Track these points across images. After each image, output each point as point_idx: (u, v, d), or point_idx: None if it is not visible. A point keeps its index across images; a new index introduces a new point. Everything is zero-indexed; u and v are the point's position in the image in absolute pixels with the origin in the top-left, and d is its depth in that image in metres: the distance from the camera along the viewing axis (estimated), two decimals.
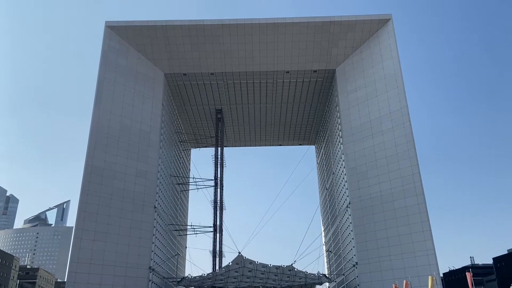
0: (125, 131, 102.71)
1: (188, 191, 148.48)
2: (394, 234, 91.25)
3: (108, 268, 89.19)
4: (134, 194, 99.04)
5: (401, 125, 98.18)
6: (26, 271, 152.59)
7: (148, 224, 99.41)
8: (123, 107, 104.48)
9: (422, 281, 73.78)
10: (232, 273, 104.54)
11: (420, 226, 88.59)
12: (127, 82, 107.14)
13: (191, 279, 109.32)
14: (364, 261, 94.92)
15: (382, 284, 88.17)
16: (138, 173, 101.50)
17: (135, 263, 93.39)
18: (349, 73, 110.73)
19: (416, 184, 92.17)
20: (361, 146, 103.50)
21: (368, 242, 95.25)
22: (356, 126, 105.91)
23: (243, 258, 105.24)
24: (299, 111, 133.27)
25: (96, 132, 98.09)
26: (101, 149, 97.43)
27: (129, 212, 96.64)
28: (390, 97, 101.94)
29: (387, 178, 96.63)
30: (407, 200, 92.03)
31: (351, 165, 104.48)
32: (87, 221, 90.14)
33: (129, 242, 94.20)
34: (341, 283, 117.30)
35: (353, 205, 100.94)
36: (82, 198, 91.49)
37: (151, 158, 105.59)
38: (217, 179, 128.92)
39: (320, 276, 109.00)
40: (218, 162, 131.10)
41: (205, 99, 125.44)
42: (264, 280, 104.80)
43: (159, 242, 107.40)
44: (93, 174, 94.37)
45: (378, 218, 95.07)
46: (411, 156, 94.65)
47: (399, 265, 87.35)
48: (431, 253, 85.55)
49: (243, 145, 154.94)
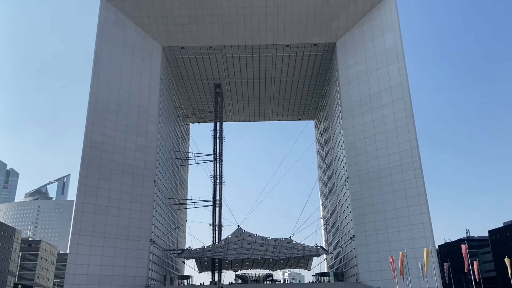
0: (123, 105, 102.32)
1: (187, 165, 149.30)
2: (391, 208, 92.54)
3: (109, 241, 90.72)
4: (134, 169, 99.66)
5: (401, 99, 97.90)
6: (28, 244, 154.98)
7: (148, 198, 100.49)
8: (121, 81, 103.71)
9: (418, 253, 75.31)
10: (232, 246, 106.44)
11: (417, 200, 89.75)
12: (125, 56, 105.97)
13: (191, 251, 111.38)
14: (361, 234, 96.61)
15: (378, 256, 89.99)
16: (137, 147, 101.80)
17: (136, 236, 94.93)
18: (349, 46, 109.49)
19: (414, 158, 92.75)
20: (360, 121, 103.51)
21: (365, 216, 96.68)
22: (356, 100, 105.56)
23: (242, 231, 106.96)
24: (299, 85, 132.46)
25: (94, 106, 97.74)
26: (100, 124, 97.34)
27: (129, 186, 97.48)
28: (390, 71, 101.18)
29: (385, 152, 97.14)
30: (404, 175, 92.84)
31: (349, 140, 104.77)
32: (88, 195, 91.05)
33: (129, 215, 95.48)
34: (338, 255, 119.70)
35: (351, 180, 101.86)
36: (82, 172, 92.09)
37: (150, 132, 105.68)
38: (217, 154, 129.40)
39: (318, 248, 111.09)
40: (217, 137, 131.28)
41: (204, 74, 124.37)
42: (263, 252, 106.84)
43: (160, 215, 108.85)
44: (93, 148, 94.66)
45: (376, 192, 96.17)
46: (410, 131, 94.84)
47: (395, 237, 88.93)
48: (427, 226, 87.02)
49: (242, 120, 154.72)
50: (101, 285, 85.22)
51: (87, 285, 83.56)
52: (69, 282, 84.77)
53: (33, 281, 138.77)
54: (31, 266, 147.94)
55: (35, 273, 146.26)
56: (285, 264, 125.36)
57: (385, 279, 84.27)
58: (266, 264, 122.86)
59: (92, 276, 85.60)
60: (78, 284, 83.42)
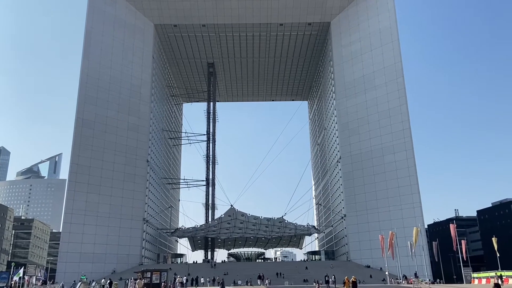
0: (115, 84, 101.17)
1: (180, 145, 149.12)
2: (382, 188, 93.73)
3: (102, 220, 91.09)
4: (127, 148, 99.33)
5: (394, 80, 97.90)
6: (21, 222, 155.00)
7: (141, 177, 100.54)
8: (112, 60, 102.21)
9: (407, 232, 76.60)
10: (225, 225, 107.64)
11: (407, 180, 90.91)
12: (116, 33, 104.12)
13: (184, 230, 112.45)
14: (352, 214, 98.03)
15: (369, 235, 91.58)
16: (130, 127, 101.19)
17: (129, 215, 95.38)
18: (344, 26, 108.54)
19: (406, 139, 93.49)
20: (354, 101, 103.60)
21: (356, 196, 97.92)
22: (349, 81, 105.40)
23: (235, 211, 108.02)
24: (293, 66, 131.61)
25: (85, 85, 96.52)
26: (91, 102, 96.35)
27: (121, 165, 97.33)
28: (384, 51, 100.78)
29: (377, 133, 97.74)
30: (396, 155, 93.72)
31: (342, 120, 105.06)
32: (80, 174, 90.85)
33: (122, 195, 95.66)
34: (329, 234, 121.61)
35: (344, 160, 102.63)
36: (74, 151, 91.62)
37: (143, 112, 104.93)
38: (210, 133, 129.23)
39: (310, 227, 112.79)
40: (210, 117, 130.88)
41: (196, 53, 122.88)
42: (255, 231, 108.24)
43: (153, 195, 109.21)
44: (84, 127, 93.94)
45: (367, 172, 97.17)
46: (402, 112, 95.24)
47: (385, 217, 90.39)
48: (417, 206, 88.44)
49: (235, 100, 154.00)
50: (94, 263, 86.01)
51: (81, 263, 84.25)
52: (63, 260, 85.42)
53: (27, 259, 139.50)
54: (24, 244, 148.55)
55: (28, 251, 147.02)
56: (277, 243, 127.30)
57: (375, 258, 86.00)
58: (258, 243, 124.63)
59: (85, 254, 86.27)
60: (72, 262, 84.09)
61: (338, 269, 79.25)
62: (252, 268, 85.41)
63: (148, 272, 64.19)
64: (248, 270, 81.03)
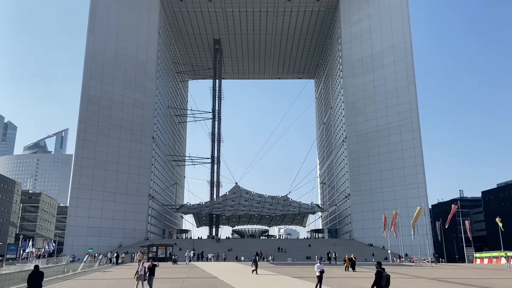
0: (120, 60, 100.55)
1: (186, 123, 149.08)
2: (387, 168, 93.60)
3: (109, 195, 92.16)
4: (132, 124, 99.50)
5: (403, 59, 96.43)
6: (28, 196, 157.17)
7: (146, 154, 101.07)
8: (118, 35, 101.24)
9: (411, 212, 76.69)
10: (229, 202, 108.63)
11: (413, 161, 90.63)
12: (121, 9, 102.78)
13: (189, 207, 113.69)
14: (356, 193, 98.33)
15: (372, 214, 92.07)
16: (135, 103, 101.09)
17: (135, 191, 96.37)
18: (353, 2, 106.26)
19: (413, 119, 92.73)
20: (361, 80, 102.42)
21: (361, 175, 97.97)
22: (357, 59, 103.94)
23: (239, 188, 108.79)
24: (300, 43, 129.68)
25: (91, 60, 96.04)
26: (97, 78, 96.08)
27: (127, 141, 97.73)
28: (394, 29, 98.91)
29: (384, 113, 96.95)
30: (402, 135, 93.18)
31: (349, 99, 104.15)
32: (86, 150, 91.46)
33: (128, 171, 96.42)
34: (333, 213, 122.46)
35: (349, 140, 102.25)
36: (80, 126, 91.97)
37: (148, 88, 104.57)
38: (215, 111, 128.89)
39: (313, 206, 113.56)
40: (216, 94, 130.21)
41: (203, 28, 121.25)
42: (260, 209, 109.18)
43: (158, 171, 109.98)
44: (90, 103, 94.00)
45: (373, 152, 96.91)
46: (410, 92, 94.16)
47: (390, 196, 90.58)
48: (422, 186, 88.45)
49: (241, 77, 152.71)
50: (101, 237, 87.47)
51: (88, 236, 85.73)
52: (70, 233, 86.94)
53: (34, 231, 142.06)
54: (32, 217, 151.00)
55: (36, 224, 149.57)
56: (281, 221, 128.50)
57: (378, 236, 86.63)
58: (262, 220, 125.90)
59: (92, 228, 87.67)
60: (79, 236, 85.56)
61: (341, 247, 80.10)
62: (256, 245, 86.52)
63: (154, 247, 65.30)
64: (252, 247, 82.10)
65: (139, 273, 21.58)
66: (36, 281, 14.36)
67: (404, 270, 42.40)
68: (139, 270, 21.83)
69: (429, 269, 44.81)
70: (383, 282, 13.16)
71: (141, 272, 21.65)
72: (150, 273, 21.52)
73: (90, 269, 41.65)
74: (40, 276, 14.66)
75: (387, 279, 13.27)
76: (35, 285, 14.32)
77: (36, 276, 14.54)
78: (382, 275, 13.34)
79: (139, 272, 21.62)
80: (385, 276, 13.30)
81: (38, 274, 14.68)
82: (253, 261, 33.80)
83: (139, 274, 21.59)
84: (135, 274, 21.83)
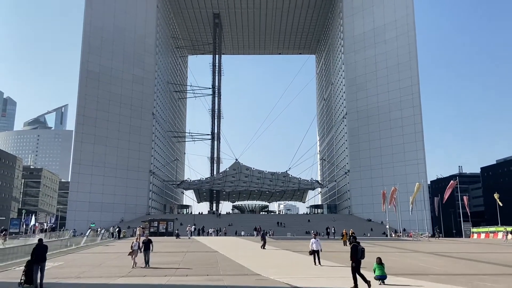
0: (119, 35, 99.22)
1: (186, 99, 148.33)
2: (387, 144, 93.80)
3: (110, 171, 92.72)
4: (132, 100, 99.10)
5: (405, 34, 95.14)
6: (30, 171, 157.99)
7: (147, 130, 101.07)
8: (116, 8, 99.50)
9: (410, 187, 77.37)
10: (229, 178, 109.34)
11: (413, 137, 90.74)
12: None
13: (190, 183, 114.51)
14: (356, 169, 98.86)
15: (371, 190, 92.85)
16: (135, 78, 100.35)
17: (136, 166, 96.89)
18: None
19: (414, 95, 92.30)
20: (362, 56, 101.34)
21: (361, 151, 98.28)
22: (359, 34, 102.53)
23: (240, 165, 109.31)
24: (301, 17, 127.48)
25: (89, 35, 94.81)
26: (96, 53, 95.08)
27: (127, 117, 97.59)
28: (396, 3, 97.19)
29: (385, 89, 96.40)
30: (403, 112, 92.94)
31: (350, 75, 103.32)
32: (86, 125, 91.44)
33: (129, 147, 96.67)
34: (332, 189, 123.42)
35: (350, 116, 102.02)
36: (80, 102, 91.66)
37: (148, 63, 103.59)
38: (215, 87, 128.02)
39: (313, 182, 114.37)
40: (216, 70, 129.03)
41: (202, 2, 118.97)
42: (260, 185, 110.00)
43: (159, 147, 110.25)
44: (89, 79, 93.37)
45: (373, 128, 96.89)
46: (412, 67, 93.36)
47: (389, 172, 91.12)
48: (421, 162, 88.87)
49: (241, 52, 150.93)
50: (103, 212, 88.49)
51: (90, 211, 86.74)
52: (72, 208, 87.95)
53: (37, 206, 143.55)
54: (34, 192, 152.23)
55: (38, 199, 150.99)
56: (280, 197, 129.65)
57: (376, 212, 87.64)
58: (262, 196, 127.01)
59: (94, 204, 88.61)
60: (81, 211, 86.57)
61: (340, 222, 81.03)
62: (255, 220, 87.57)
63: (155, 221, 66.12)
64: (251, 222, 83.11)
65: (133, 248, 20.94)
66: (40, 254, 14.62)
67: (401, 244, 43.09)
68: (133, 245, 21.15)
69: (426, 244, 45.51)
70: (359, 255, 14.24)
71: (134, 247, 20.97)
72: (146, 248, 20.84)
73: (93, 243, 42.33)
74: (44, 249, 14.93)
75: (362, 252, 14.40)
76: (40, 257, 14.59)
77: (41, 249, 14.80)
78: (357, 249, 14.38)
79: (133, 247, 20.97)
80: (360, 249, 14.39)
81: (43, 247, 14.94)
82: (261, 236, 34.35)
83: (132, 249, 20.93)
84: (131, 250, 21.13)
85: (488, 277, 17.81)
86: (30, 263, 14.78)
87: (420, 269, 21.00)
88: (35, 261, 14.55)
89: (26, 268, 14.88)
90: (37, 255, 14.49)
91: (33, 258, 14.52)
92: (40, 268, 14.55)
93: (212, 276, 17.44)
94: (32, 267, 14.56)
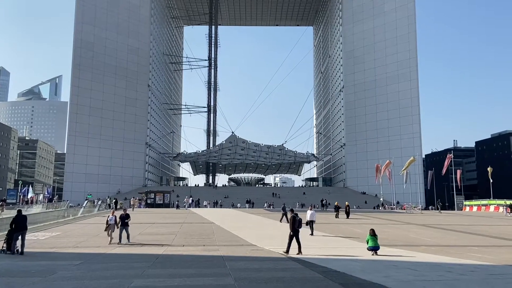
0: (113, 4, 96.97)
1: (181, 71, 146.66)
2: (384, 118, 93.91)
3: (106, 142, 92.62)
4: (127, 72, 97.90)
5: (404, 5, 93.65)
6: (25, 143, 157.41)
7: (142, 102, 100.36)
8: None
9: (405, 161, 77.85)
10: (226, 151, 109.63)
11: (409, 111, 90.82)
12: None
13: (186, 155, 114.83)
14: (351, 143, 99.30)
15: (366, 164, 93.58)
16: (129, 49, 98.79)
17: (132, 139, 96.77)
18: None
19: (412, 69, 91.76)
20: (361, 28, 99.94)
21: (357, 125, 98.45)
22: (358, 5, 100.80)
23: (236, 137, 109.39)
24: None
25: (82, 3, 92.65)
26: (89, 23, 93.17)
27: (122, 89, 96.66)
28: None
29: (383, 62, 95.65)
30: (400, 85, 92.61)
31: (348, 48, 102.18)
32: (81, 97, 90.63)
33: (124, 119, 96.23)
34: (327, 162, 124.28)
35: (346, 89, 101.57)
36: (74, 73, 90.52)
37: (142, 34, 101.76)
38: (211, 59, 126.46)
39: (309, 155, 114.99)
40: (212, 41, 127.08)
41: None
42: (256, 158, 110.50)
43: (154, 119, 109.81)
44: (83, 49, 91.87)
45: (370, 102, 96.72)
46: (410, 40, 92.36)
47: (384, 146, 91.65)
48: (416, 136, 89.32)
49: (238, 23, 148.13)
50: (99, 184, 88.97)
51: (86, 183, 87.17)
52: (69, 180, 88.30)
53: (33, 178, 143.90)
54: (30, 164, 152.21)
55: (34, 171, 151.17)
56: (276, 170, 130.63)
57: (371, 185, 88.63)
58: (258, 169, 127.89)
59: (90, 175, 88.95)
60: (77, 182, 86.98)
61: (335, 195, 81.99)
62: (251, 192, 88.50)
63: (151, 193, 66.71)
64: (247, 194, 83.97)
65: (109, 223, 18.64)
66: (21, 222, 15.25)
67: (394, 216, 43.81)
68: (108, 219, 18.85)
69: (418, 216, 46.31)
70: (296, 225, 15.56)
71: (110, 221, 18.65)
72: (123, 223, 18.18)
73: (90, 214, 42.71)
74: (23, 218, 15.62)
75: (299, 222, 15.76)
76: (20, 225, 15.22)
77: (20, 218, 15.45)
78: (295, 219, 15.63)
79: (109, 222, 18.68)
80: (297, 220, 15.69)
81: (22, 217, 15.60)
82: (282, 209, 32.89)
83: (108, 224, 18.65)
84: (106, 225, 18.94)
85: (478, 248, 18.25)
86: (10, 232, 15.31)
87: (412, 240, 21.46)
88: (15, 230, 15.14)
89: (8, 236, 15.38)
90: (17, 224, 14.94)
91: (13, 227, 14.96)
92: (21, 236, 15.19)
93: (208, 246, 17.74)
94: (13, 236, 15.11)
